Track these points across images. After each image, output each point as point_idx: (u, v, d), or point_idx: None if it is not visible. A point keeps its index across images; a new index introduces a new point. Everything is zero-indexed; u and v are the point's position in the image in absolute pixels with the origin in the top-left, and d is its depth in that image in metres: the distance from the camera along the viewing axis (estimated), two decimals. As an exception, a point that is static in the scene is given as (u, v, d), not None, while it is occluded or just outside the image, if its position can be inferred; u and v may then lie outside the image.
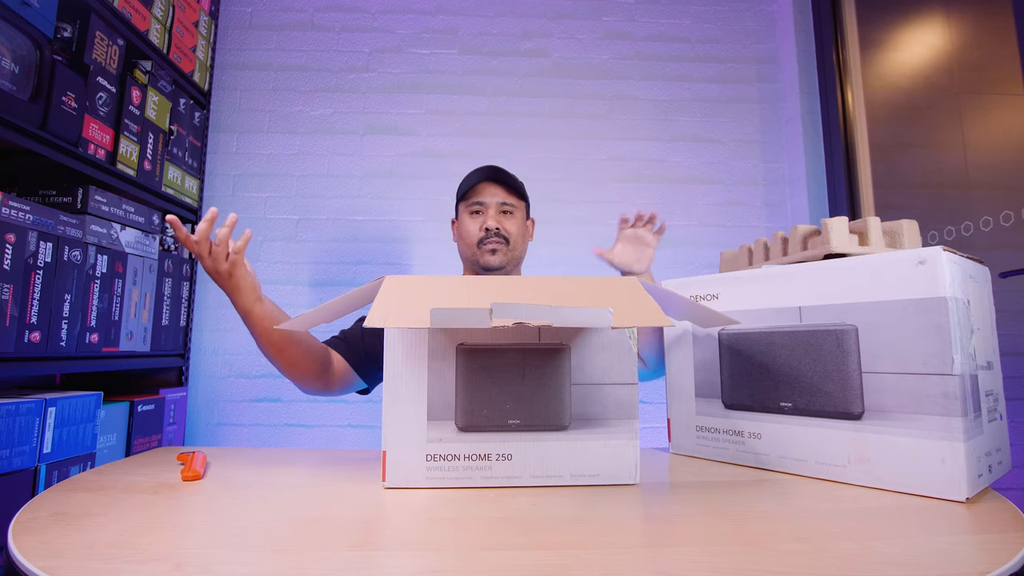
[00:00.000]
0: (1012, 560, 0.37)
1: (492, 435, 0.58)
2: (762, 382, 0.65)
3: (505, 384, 0.58)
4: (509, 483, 0.57)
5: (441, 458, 0.57)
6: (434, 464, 0.57)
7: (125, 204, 1.31)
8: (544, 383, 0.59)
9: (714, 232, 1.87)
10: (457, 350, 0.58)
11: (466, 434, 0.57)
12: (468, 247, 1.09)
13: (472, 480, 0.57)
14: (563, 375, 0.59)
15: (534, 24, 1.96)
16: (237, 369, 1.74)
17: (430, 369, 0.58)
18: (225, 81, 1.86)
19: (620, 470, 0.58)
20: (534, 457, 0.58)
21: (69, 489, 0.55)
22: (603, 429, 0.59)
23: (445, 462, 0.57)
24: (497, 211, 1.07)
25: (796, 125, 1.88)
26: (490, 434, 0.58)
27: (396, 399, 0.57)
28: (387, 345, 0.58)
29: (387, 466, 0.56)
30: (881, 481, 0.55)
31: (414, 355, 0.58)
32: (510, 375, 0.59)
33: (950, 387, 0.51)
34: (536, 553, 0.39)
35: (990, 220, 1.32)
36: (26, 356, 1.05)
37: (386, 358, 0.57)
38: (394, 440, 0.56)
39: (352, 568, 0.36)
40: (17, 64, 1.03)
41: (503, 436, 0.58)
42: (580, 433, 0.58)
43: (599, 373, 0.60)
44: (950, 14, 1.52)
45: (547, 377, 0.59)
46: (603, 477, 0.58)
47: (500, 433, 0.58)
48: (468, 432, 0.57)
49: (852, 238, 0.66)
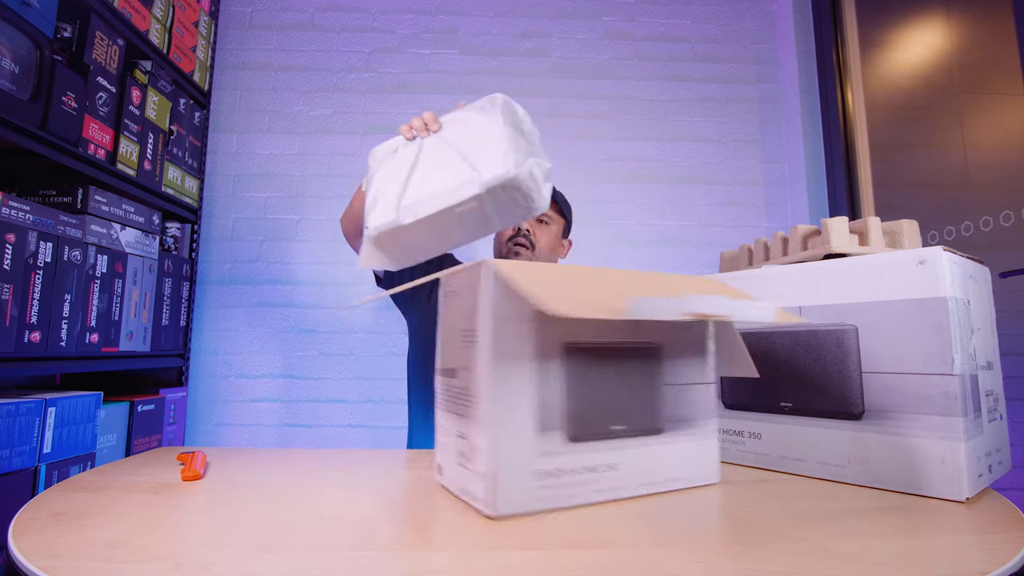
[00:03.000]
0: (1012, 560, 0.37)
1: (598, 444, 0.51)
2: (762, 382, 0.65)
3: (607, 386, 0.53)
4: (615, 495, 0.51)
5: (550, 475, 0.48)
6: (543, 484, 0.48)
7: (125, 204, 1.31)
8: (639, 384, 0.54)
9: (714, 232, 1.87)
10: (564, 349, 0.50)
11: (575, 444, 0.50)
12: (499, 242, 1.14)
13: (581, 497, 0.50)
14: (658, 375, 0.55)
15: (534, 24, 1.96)
16: (237, 369, 1.74)
17: (537, 371, 0.49)
18: (225, 81, 1.87)
19: (704, 471, 0.56)
20: (637, 464, 0.53)
21: (69, 489, 0.55)
22: (692, 430, 0.56)
23: (553, 479, 0.49)
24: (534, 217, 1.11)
25: (796, 125, 1.88)
26: (597, 443, 0.51)
27: (504, 407, 0.46)
28: (485, 342, 0.47)
29: (498, 491, 0.45)
30: (881, 481, 0.55)
31: (517, 354, 0.48)
32: (610, 375, 0.53)
33: (950, 387, 0.51)
34: (536, 553, 0.39)
35: (990, 220, 1.32)
36: (26, 356, 1.05)
37: (483, 356, 0.47)
38: (505, 458, 0.46)
39: (352, 568, 0.36)
40: (17, 64, 1.03)
41: (609, 444, 0.52)
42: (674, 436, 0.55)
43: (688, 372, 0.56)
44: (950, 14, 1.52)
45: (643, 377, 0.54)
46: (684, 480, 0.55)
47: (606, 441, 0.52)
48: (578, 442, 0.50)
49: (852, 238, 0.66)
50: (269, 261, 1.80)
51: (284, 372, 1.74)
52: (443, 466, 0.55)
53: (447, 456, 0.54)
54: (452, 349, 0.53)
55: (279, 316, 1.77)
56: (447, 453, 0.54)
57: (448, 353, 0.54)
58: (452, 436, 0.53)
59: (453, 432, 0.52)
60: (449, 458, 0.53)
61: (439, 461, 0.56)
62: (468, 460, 0.49)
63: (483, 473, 0.46)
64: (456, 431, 0.52)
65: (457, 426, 0.51)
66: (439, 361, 0.56)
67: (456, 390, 0.52)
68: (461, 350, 0.51)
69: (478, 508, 0.47)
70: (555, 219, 1.14)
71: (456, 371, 0.52)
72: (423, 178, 0.63)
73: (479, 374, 0.47)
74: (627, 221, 1.86)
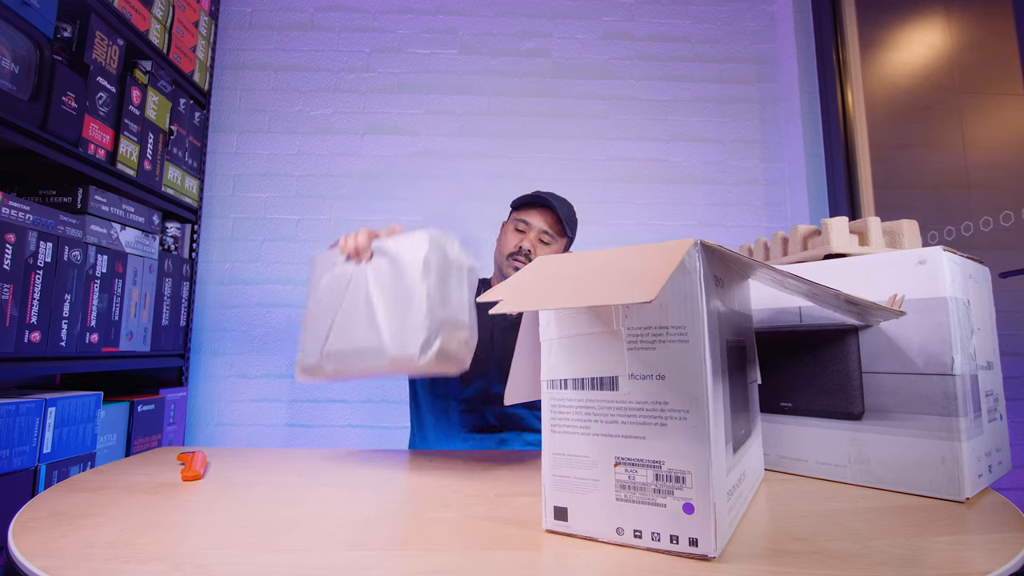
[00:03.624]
0: (1012, 560, 0.37)
1: (740, 450, 0.47)
2: (762, 382, 0.65)
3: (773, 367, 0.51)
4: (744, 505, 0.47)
5: (731, 494, 0.42)
6: (729, 505, 0.41)
7: (125, 204, 1.31)
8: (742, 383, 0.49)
9: (714, 232, 1.87)
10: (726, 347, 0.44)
11: (736, 456, 0.44)
12: (501, 255, 1.13)
13: (737, 511, 0.44)
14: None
15: (534, 24, 1.96)
16: (237, 369, 1.74)
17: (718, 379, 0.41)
18: (225, 81, 1.87)
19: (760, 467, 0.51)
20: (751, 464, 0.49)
21: (69, 489, 0.55)
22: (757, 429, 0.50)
23: (732, 497, 0.42)
24: (537, 236, 1.10)
25: (796, 125, 1.88)
26: (740, 449, 0.47)
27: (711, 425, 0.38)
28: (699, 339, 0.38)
29: (717, 525, 0.37)
30: (881, 481, 0.55)
31: (716, 354, 0.41)
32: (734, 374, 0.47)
33: (950, 387, 0.51)
34: (536, 553, 0.39)
35: (990, 220, 1.32)
36: (26, 356, 1.05)
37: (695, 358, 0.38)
38: (717, 483, 0.38)
39: (352, 568, 0.36)
40: (17, 64, 1.03)
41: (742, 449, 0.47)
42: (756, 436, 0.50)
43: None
44: (950, 14, 1.52)
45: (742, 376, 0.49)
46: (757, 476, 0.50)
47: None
48: (736, 452, 0.45)
49: (852, 238, 0.66)
50: (269, 261, 1.79)
51: (284, 372, 1.74)
52: (570, 507, 0.42)
53: (592, 493, 0.41)
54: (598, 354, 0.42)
55: (279, 316, 1.77)
56: (583, 489, 0.42)
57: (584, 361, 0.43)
58: (603, 465, 0.41)
59: (611, 459, 0.41)
60: (600, 494, 0.41)
61: (558, 503, 0.43)
62: (660, 492, 0.39)
63: (701, 503, 0.37)
64: (620, 456, 0.40)
65: (623, 451, 0.40)
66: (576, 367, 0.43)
67: (620, 404, 0.41)
68: (631, 354, 0.41)
69: (682, 552, 0.38)
70: (557, 239, 1.13)
71: (617, 380, 0.41)
72: (346, 324, 0.64)
73: (696, 390, 0.38)
74: (627, 221, 1.86)
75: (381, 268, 0.63)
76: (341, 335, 0.64)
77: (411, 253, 0.61)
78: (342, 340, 0.63)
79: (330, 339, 0.64)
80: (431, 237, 0.61)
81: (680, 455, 0.38)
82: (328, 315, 0.65)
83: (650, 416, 0.39)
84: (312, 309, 0.69)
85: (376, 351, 0.60)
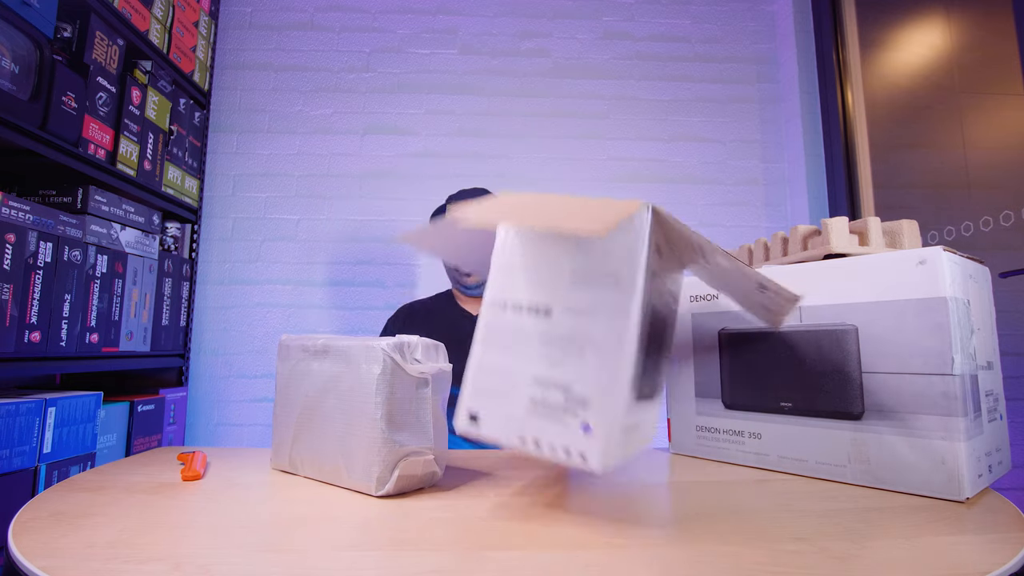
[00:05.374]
0: (1012, 560, 0.37)
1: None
2: (762, 382, 0.65)
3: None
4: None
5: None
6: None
7: (125, 204, 1.31)
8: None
9: (714, 232, 1.87)
10: None
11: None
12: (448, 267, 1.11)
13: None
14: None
15: (534, 24, 1.96)
16: (237, 369, 1.74)
17: None
18: (225, 81, 1.87)
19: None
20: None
21: (69, 489, 0.55)
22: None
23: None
24: None
25: (796, 125, 1.88)
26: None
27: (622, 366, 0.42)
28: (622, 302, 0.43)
29: (607, 447, 0.42)
30: (881, 481, 0.55)
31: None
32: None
33: (950, 387, 0.51)
34: (536, 554, 0.39)
35: (990, 220, 1.32)
36: (26, 356, 1.05)
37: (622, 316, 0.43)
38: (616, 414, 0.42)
39: (352, 568, 0.36)
40: (17, 64, 1.03)
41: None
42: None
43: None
44: (950, 14, 1.52)
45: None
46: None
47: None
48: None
49: (852, 238, 0.66)
50: (269, 261, 1.80)
51: (284, 372, 1.74)
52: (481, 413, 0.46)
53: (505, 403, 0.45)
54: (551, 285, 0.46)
55: (279, 316, 1.77)
56: (498, 399, 0.45)
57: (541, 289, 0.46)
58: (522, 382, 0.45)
59: (528, 377, 0.45)
60: (512, 407, 0.45)
61: (471, 409, 0.46)
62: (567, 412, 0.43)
63: (598, 425, 0.41)
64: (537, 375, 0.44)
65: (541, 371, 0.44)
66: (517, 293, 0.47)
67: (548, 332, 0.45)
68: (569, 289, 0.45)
69: (572, 463, 0.42)
70: None
71: (552, 310, 0.45)
72: (306, 432, 0.60)
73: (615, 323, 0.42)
74: (627, 221, 1.86)
75: (339, 378, 0.57)
76: (304, 443, 0.60)
77: (367, 367, 0.55)
78: (306, 448, 0.60)
79: (295, 445, 0.61)
80: (384, 352, 0.54)
81: (590, 383, 0.42)
82: (291, 415, 0.62)
83: (572, 347, 0.44)
84: (278, 401, 0.66)
85: (337, 473, 0.57)
